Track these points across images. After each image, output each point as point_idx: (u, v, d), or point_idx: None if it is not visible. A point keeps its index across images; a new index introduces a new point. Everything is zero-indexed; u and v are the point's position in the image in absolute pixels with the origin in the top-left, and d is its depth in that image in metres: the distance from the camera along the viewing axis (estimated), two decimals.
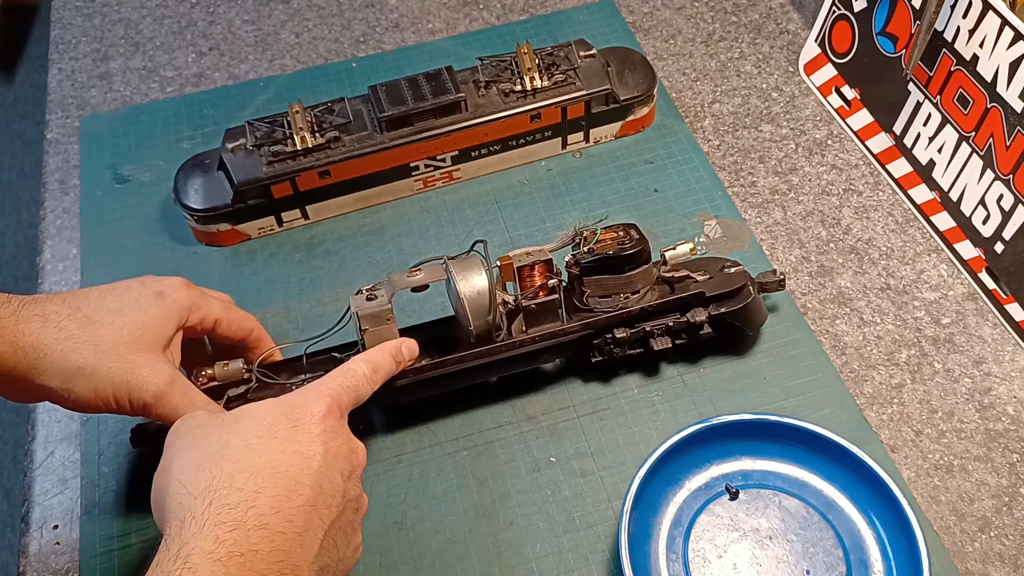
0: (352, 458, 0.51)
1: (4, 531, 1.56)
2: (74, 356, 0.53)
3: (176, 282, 0.59)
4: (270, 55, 0.92)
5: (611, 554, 0.60)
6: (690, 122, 0.84)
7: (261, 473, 0.45)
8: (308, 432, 0.48)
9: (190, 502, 0.44)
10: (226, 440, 0.47)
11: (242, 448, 0.47)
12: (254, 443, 0.47)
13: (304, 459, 0.47)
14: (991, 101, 0.68)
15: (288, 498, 0.45)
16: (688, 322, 0.64)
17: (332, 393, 0.52)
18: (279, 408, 0.50)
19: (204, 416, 0.50)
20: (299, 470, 0.46)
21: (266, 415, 0.49)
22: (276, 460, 0.46)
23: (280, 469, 0.46)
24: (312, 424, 0.49)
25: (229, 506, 0.44)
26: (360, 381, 0.55)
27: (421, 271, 0.61)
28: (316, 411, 0.50)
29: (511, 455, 0.64)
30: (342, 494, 0.49)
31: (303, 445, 0.48)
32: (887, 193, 0.78)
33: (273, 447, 0.47)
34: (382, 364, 0.57)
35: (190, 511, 0.44)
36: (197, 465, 0.46)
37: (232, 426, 0.48)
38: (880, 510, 0.58)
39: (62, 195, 0.82)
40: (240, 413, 0.50)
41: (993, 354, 0.68)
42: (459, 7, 0.95)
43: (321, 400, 0.51)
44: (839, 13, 0.82)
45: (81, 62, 0.93)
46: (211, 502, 0.44)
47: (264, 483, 0.45)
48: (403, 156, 0.76)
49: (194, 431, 0.49)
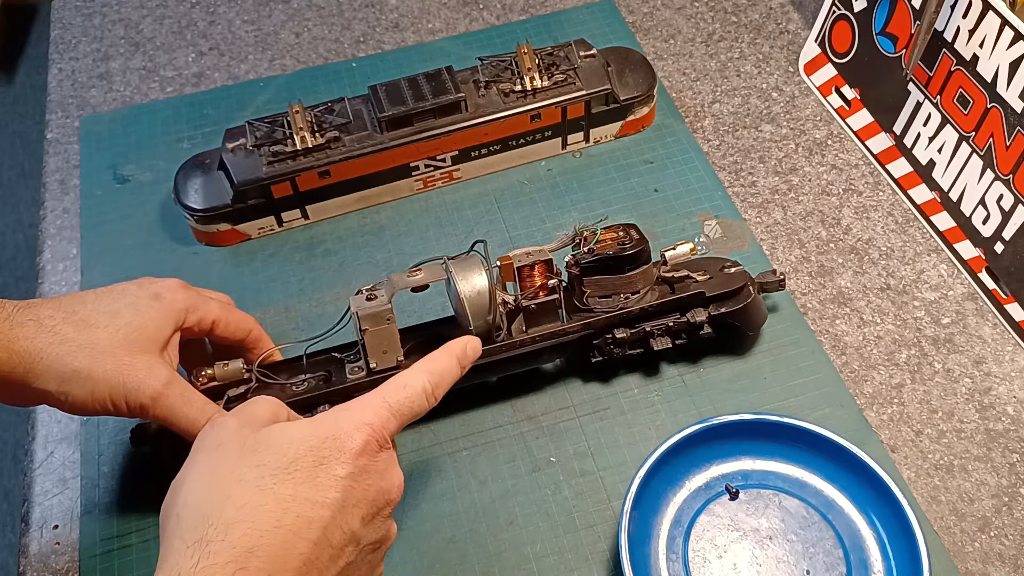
0: (381, 498, 0.47)
1: (4, 531, 1.56)
2: (69, 359, 0.53)
3: (173, 284, 0.59)
4: (270, 55, 0.92)
5: (611, 554, 0.60)
6: (690, 122, 0.84)
7: (261, 527, 0.42)
8: (331, 474, 0.45)
9: (181, 551, 0.42)
10: (240, 474, 0.44)
11: (252, 489, 0.44)
12: (267, 484, 0.44)
13: (315, 509, 0.44)
14: (991, 101, 0.68)
15: (284, 558, 0.42)
16: (688, 322, 0.64)
17: (376, 422, 0.48)
18: (309, 438, 0.46)
19: (230, 432, 0.47)
20: (305, 523, 0.43)
21: (290, 448, 0.45)
22: (283, 509, 0.43)
23: (284, 522, 0.43)
24: (339, 464, 0.45)
25: (217, 566, 0.41)
26: (417, 399, 0.50)
27: (421, 271, 0.61)
28: (349, 447, 0.46)
29: (511, 455, 0.64)
30: (356, 542, 0.46)
31: (319, 491, 0.44)
32: (887, 193, 0.78)
33: (285, 491, 0.44)
34: (447, 374, 0.53)
35: (177, 566, 0.41)
36: (201, 501, 0.44)
37: (251, 456, 0.45)
38: (880, 510, 0.58)
39: (62, 195, 0.82)
40: (265, 440, 0.46)
41: (993, 354, 0.68)
42: (459, 7, 0.95)
43: (359, 432, 0.47)
44: (839, 13, 0.82)
45: (81, 62, 0.93)
46: (199, 560, 0.41)
47: (261, 540, 0.42)
48: (403, 156, 0.76)
49: (215, 450, 0.46)
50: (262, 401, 0.51)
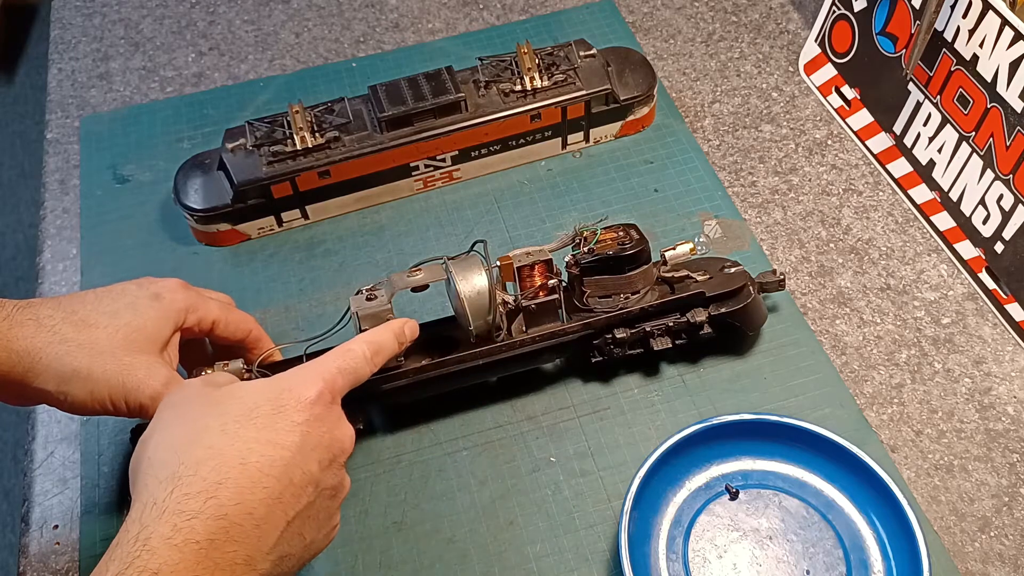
0: (335, 446, 0.50)
1: (4, 531, 1.56)
2: (69, 359, 0.53)
3: (173, 284, 0.59)
4: (270, 55, 0.92)
5: (611, 554, 0.60)
6: (690, 122, 0.84)
7: (228, 463, 0.45)
8: (289, 420, 0.48)
9: (155, 486, 0.44)
10: (205, 423, 0.47)
11: (217, 433, 0.46)
12: (230, 428, 0.47)
13: (276, 449, 0.47)
14: (991, 101, 0.68)
15: (250, 490, 0.45)
16: (688, 322, 0.64)
17: (326, 376, 0.51)
18: (267, 391, 0.49)
19: (195, 389, 0.50)
20: (268, 461, 0.46)
21: (250, 398, 0.48)
22: (247, 449, 0.46)
23: (249, 460, 0.46)
24: (295, 411, 0.48)
25: (190, 495, 0.44)
26: (360, 363, 0.54)
27: (421, 271, 0.61)
28: (304, 396, 0.49)
29: (511, 455, 0.64)
30: (315, 484, 0.48)
31: (279, 434, 0.47)
32: (887, 193, 0.78)
33: (248, 435, 0.47)
34: (384, 344, 0.56)
35: (153, 496, 0.44)
36: (170, 446, 0.46)
37: (215, 407, 0.48)
38: (880, 510, 0.58)
39: (62, 195, 0.82)
40: (227, 393, 0.49)
41: (993, 354, 0.68)
42: (459, 7, 0.95)
43: (312, 384, 0.50)
44: (839, 13, 0.82)
45: (81, 62, 0.93)
46: (173, 490, 0.44)
47: (228, 473, 0.45)
48: (403, 156, 0.76)
49: (180, 404, 0.49)
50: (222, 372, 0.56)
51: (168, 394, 0.51)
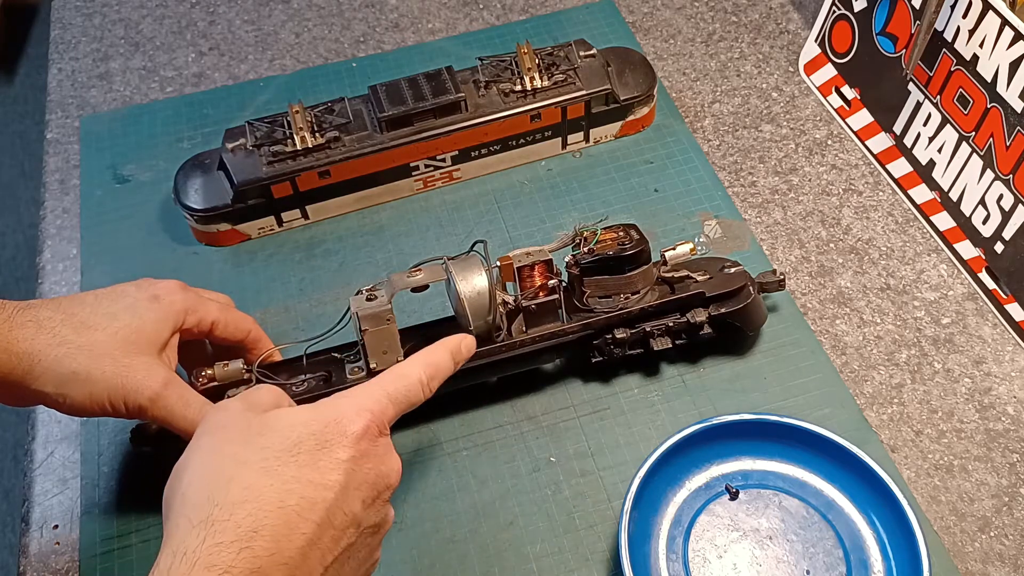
0: (380, 483, 0.48)
1: (4, 531, 1.56)
2: (68, 361, 0.53)
3: (172, 285, 0.59)
4: (270, 55, 0.92)
5: (611, 554, 0.60)
6: (690, 122, 0.84)
7: (265, 507, 0.43)
8: (333, 457, 0.45)
9: (187, 531, 0.42)
10: (244, 457, 0.45)
11: (256, 470, 0.44)
12: (271, 465, 0.44)
13: (318, 490, 0.44)
14: (991, 101, 0.68)
15: (287, 538, 0.43)
16: (688, 322, 0.64)
17: (375, 408, 0.48)
18: (311, 423, 0.46)
19: (235, 415, 0.47)
20: (309, 504, 0.44)
21: (293, 431, 0.46)
22: (287, 491, 0.44)
23: (288, 503, 0.43)
24: (341, 447, 0.46)
25: (222, 545, 0.41)
26: (413, 388, 0.51)
27: (421, 271, 0.61)
28: (351, 430, 0.47)
29: (511, 455, 0.64)
30: (357, 524, 0.46)
31: (322, 473, 0.45)
32: (887, 193, 0.78)
33: (288, 473, 0.44)
34: (442, 366, 0.54)
35: (184, 544, 0.42)
36: (206, 482, 0.44)
37: (256, 439, 0.45)
38: (880, 510, 0.58)
39: (62, 195, 0.82)
40: (269, 423, 0.46)
41: (993, 354, 0.68)
42: (459, 7, 0.95)
43: (360, 417, 0.47)
44: (839, 13, 0.82)
45: (81, 62, 0.93)
46: (205, 539, 0.41)
47: (265, 520, 0.42)
48: (403, 156, 0.76)
49: (219, 432, 0.47)
50: (265, 388, 0.51)
51: (206, 417, 0.48)
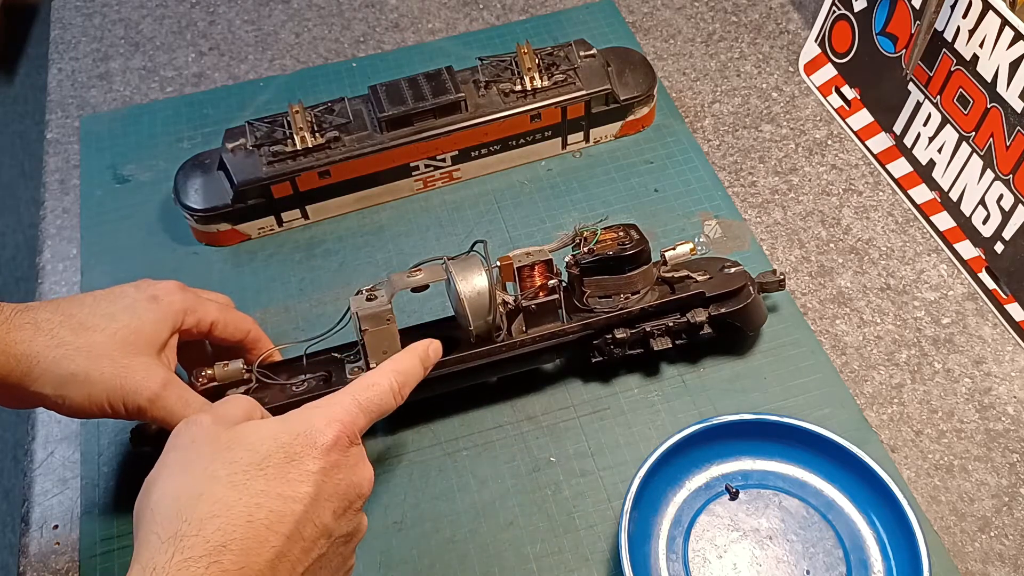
0: (351, 492, 0.48)
1: (4, 531, 1.56)
2: (66, 363, 0.53)
3: (171, 286, 0.59)
4: (270, 55, 0.92)
5: (611, 554, 0.60)
6: (690, 122, 0.84)
7: (234, 521, 0.43)
8: (302, 469, 0.46)
9: (156, 547, 0.42)
10: (212, 471, 0.45)
11: (225, 485, 0.44)
12: (239, 479, 0.44)
13: (287, 503, 0.44)
14: (991, 101, 0.68)
15: (257, 551, 0.43)
16: (688, 322, 0.64)
17: (346, 418, 0.48)
18: (280, 435, 0.46)
19: (203, 429, 0.47)
20: (277, 517, 0.44)
21: (262, 444, 0.46)
22: (256, 504, 0.44)
23: (257, 516, 0.43)
24: (311, 459, 0.46)
25: (192, 560, 0.41)
26: (384, 397, 0.51)
27: (421, 271, 0.61)
28: (320, 442, 0.47)
29: (511, 455, 0.64)
30: (328, 535, 0.46)
31: (291, 486, 0.45)
32: (887, 193, 0.78)
33: (257, 487, 0.44)
34: (411, 373, 0.54)
35: (153, 560, 0.41)
36: (175, 497, 0.44)
37: (224, 453, 0.45)
38: (880, 510, 0.58)
39: (62, 195, 0.82)
40: (238, 437, 0.46)
41: (993, 354, 0.68)
42: (459, 7, 0.95)
43: (330, 428, 0.47)
44: (839, 13, 0.82)
45: (81, 62, 0.93)
46: (174, 554, 0.41)
47: (234, 534, 0.42)
48: (403, 156, 0.76)
49: (188, 448, 0.46)
50: (236, 400, 0.51)
51: (176, 432, 0.48)
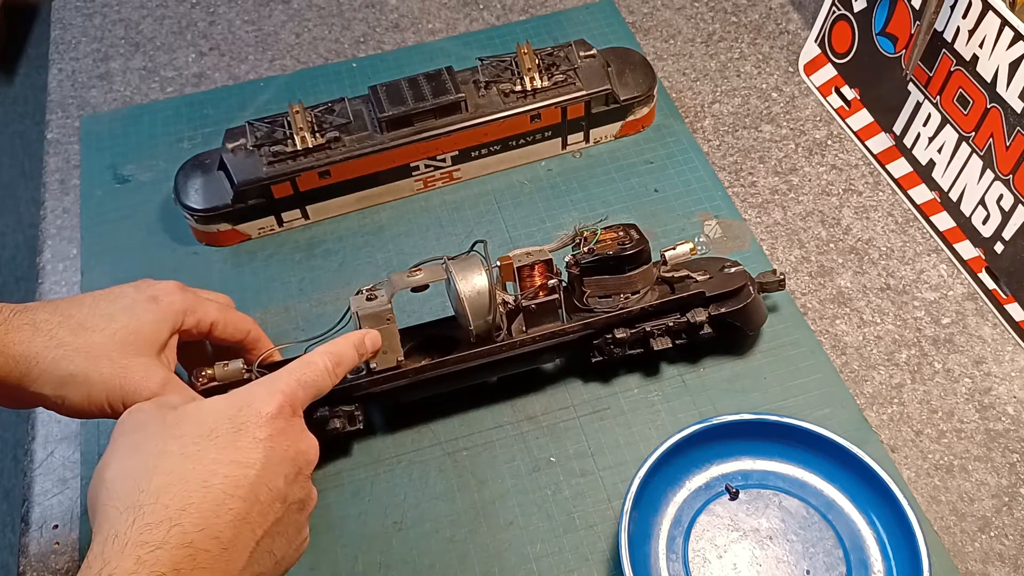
0: (300, 459, 0.49)
1: (4, 531, 1.56)
2: (65, 363, 0.53)
3: (170, 286, 0.59)
4: (270, 55, 0.92)
5: (611, 554, 0.60)
6: (690, 122, 0.84)
7: (190, 487, 0.44)
8: (251, 436, 0.47)
9: (116, 517, 0.43)
10: (163, 447, 0.46)
11: (177, 457, 0.45)
12: (191, 451, 0.46)
13: (240, 468, 0.46)
14: (991, 101, 0.68)
15: (216, 514, 0.44)
16: (688, 322, 0.64)
17: (287, 390, 0.50)
18: (225, 409, 0.48)
19: (149, 413, 0.49)
20: (233, 482, 0.45)
21: (209, 417, 0.47)
22: (209, 471, 0.45)
23: (212, 482, 0.45)
24: (257, 427, 0.47)
25: (152, 524, 0.42)
26: (320, 375, 0.53)
27: (421, 271, 0.61)
28: (264, 411, 0.48)
29: (511, 455, 0.64)
30: (283, 499, 0.48)
31: (242, 452, 0.46)
32: (887, 193, 0.78)
33: (209, 456, 0.46)
34: (345, 356, 0.56)
35: (114, 528, 0.43)
36: (128, 474, 0.45)
37: (173, 429, 0.47)
38: (880, 510, 0.58)
39: (62, 195, 0.82)
40: (184, 415, 0.48)
41: (993, 354, 0.68)
42: (459, 7, 0.95)
43: (272, 399, 0.49)
44: (839, 13, 0.82)
45: (81, 62, 0.93)
46: (134, 520, 0.42)
47: (191, 498, 0.44)
48: (403, 156, 0.76)
49: (135, 431, 0.48)
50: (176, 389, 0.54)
51: (121, 420, 0.49)
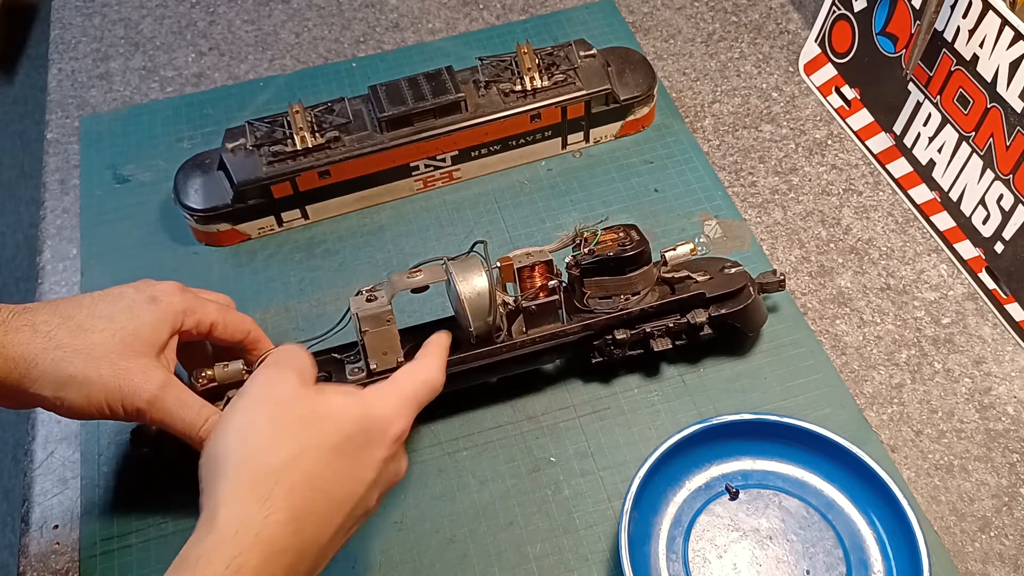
0: (394, 480, 0.52)
1: (4, 531, 1.56)
2: (64, 365, 0.53)
3: (170, 287, 0.59)
4: (270, 55, 0.92)
5: (611, 554, 0.60)
6: (690, 122, 0.84)
7: (317, 495, 0.47)
8: (373, 456, 0.49)
9: (250, 502, 0.45)
10: (306, 441, 0.48)
11: (313, 459, 0.47)
12: (326, 456, 0.48)
13: (356, 484, 0.49)
14: (991, 101, 0.68)
15: (327, 525, 0.47)
16: (688, 323, 0.64)
17: (410, 412, 0.52)
18: (362, 419, 0.50)
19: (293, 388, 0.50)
20: (347, 496, 0.48)
21: (347, 424, 0.49)
22: (334, 481, 0.48)
23: (332, 493, 0.48)
24: (381, 447, 0.50)
25: (281, 524, 0.45)
26: (433, 393, 0.55)
27: (421, 272, 0.61)
28: (391, 433, 0.50)
29: (511, 455, 0.64)
30: (367, 515, 0.51)
31: (362, 469, 0.49)
32: (887, 193, 0.78)
33: (338, 465, 0.48)
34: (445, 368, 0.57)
35: (247, 514, 0.45)
36: (270, 457, 0.47)
37: (316, 423, 0.49)
38: (880, 510, 0.58)
39: (62, 195, 0.82)
40: (325, 409, 0.49)
41: (993, 354, 0.68)
42: (459, 7, 0.95)
43: (400, 420, 0.51)
44: (839, 13, 0.82)
45: (81, 62, 0.93)
46: (268, 516, 0.45)
47: (315, 508, 0.47)
48: (403, 156, 0.76)
49: (282, 405, 0.49)
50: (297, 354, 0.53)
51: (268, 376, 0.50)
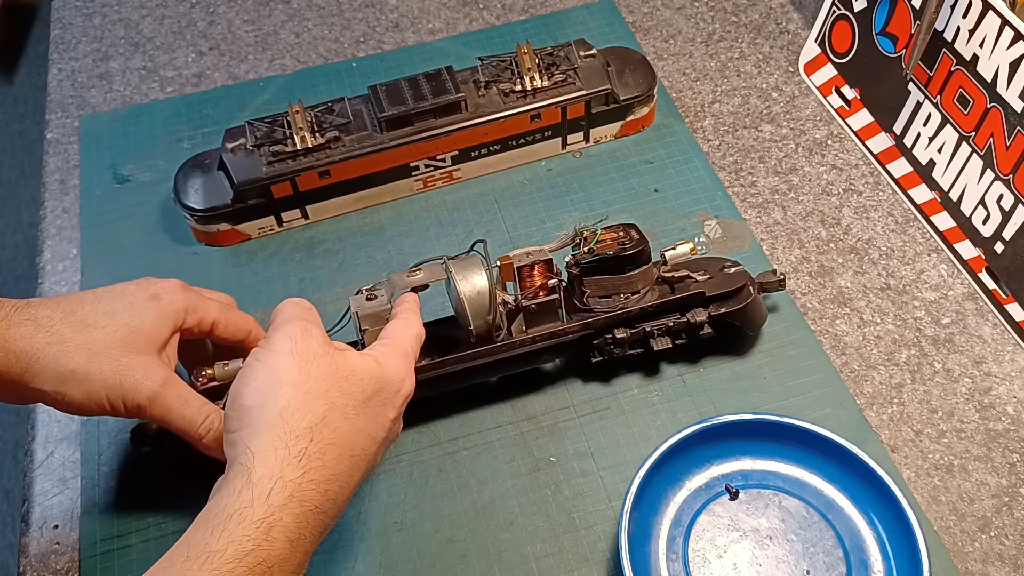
0: (395, 439, 0.55)
1: (4, 531, 1.56)
2: (66, 360, 0.53)
3: (172, 285, 0.59)
4: (270, 55, 0.92)
5: (611, 554, 0.60)
6: (690, 122, 0.84)
7: (344, 453, 0.49)
8: (386, 415, 0.52)
9: (286, 459, 0.46)
10: (333, 399, 0.49)
11: (340, 416, 0.49)
12: (351, 413, 0.50)
13: (371, 443, 0.51)
14: (991, 101, 0.68)
15: (347, 483, 0.49)
16: (688, 322, 0.64)
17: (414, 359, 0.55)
18: (380, 380, 0.52)
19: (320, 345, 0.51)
20: (364, 454, 0.50)
21: (369, 383, 0.51)
22: (355, 441, 0.50)
23: (355, 452, 0.49)
24: (392, 407, 0.52)
25: (313, 483, 0.47)
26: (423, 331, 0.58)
27: (421, 271, 0.61)
28: (402, 394, 0.53)
29: (511, 455, 0.64)
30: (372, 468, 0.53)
31: (378, 427, 0.51)
32: (887, 193, 0.78)
33: (360, 423, 0.50)
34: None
35: (283, 471, 0.46)
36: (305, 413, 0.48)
37: (342, 383, 0.50)
38: (880, 510, 0.58)
39: (62, 195, 0.82)
40: (349, 367, 0.51)
41: (993, 354, 0.68)
42: (459, 7, 0.95)
43: (409, 380, 0.54)
44: (839, 13, 0.82)
45: (81, 62, 0.93)
46: (303, 473, 0.46)
47: (340, 466, 0.48)
48: (403, 156, 0.76)
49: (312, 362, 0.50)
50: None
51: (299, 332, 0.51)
